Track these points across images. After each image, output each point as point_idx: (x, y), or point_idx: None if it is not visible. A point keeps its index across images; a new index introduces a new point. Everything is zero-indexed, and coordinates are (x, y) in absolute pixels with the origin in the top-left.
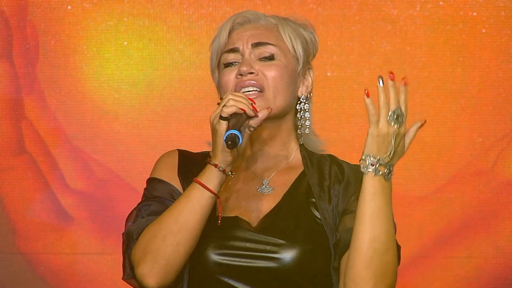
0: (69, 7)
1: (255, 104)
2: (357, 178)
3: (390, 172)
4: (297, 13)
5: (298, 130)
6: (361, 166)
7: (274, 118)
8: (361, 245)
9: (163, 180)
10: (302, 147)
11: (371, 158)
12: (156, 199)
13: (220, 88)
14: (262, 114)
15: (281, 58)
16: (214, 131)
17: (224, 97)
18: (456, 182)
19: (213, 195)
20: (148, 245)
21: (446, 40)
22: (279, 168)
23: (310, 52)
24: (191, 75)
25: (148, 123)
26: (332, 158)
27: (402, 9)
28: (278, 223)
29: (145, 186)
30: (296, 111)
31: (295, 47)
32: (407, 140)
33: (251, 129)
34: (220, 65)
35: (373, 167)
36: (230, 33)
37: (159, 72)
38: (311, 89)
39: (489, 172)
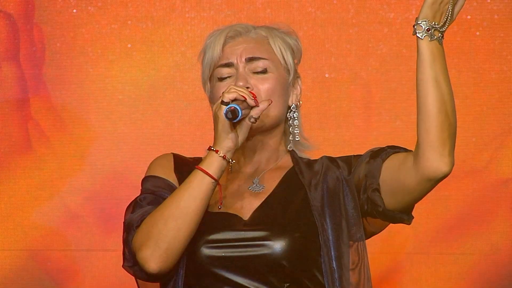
0: (74, 11)
1: (256, 97)
2: (351, 158)
3: (443, 37)
4: (295, 16)
5: (291, 137)
6: (417, 32)
7: (267, 129)
8: (433, 110)
9: (159, 176)
10: (293, 152)
11: (427, 23)
12: (155, 192)
13: (215, 101)
14: (263, 105)
15: (274, 71)
16: (215, 118)
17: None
18: (451, 181)
19: (213, 181)
20: (150, 230)
21: None
22: (268, 168)
23: (297, 59)
24: (193, 76)
25: (151, 124)
26: (322, 157)
27: (398, 12)
28: (267, 215)
29: (141, 186)
30: (287, 120)
31: (285, 59)
32: (457, 8)
33: (252, 120)
34: (212, 78)
35: (429, 32)
36: (222, 46)
37: (162, 74)
38: (300, 97)
39: (483, 170)
